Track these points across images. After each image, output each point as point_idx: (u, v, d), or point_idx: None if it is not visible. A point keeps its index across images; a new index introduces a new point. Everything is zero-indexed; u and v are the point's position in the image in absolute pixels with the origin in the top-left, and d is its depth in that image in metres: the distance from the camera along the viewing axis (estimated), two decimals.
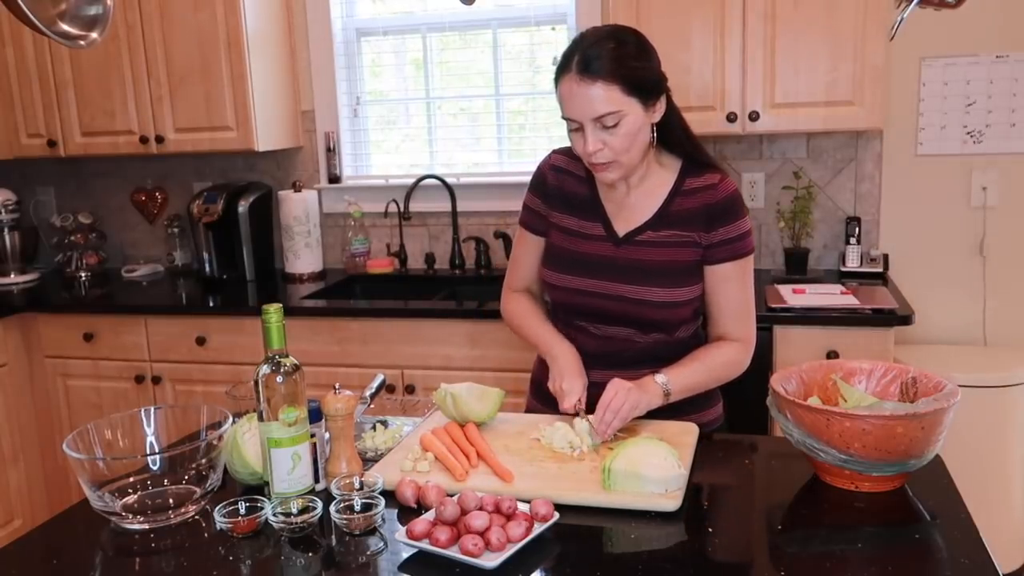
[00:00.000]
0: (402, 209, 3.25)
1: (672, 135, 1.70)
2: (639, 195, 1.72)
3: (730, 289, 1.71)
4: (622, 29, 1.65)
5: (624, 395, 1.55)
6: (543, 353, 1.78)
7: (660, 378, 1.64)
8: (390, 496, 1.37)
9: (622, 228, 1.73)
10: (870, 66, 2.68)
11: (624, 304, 1.70)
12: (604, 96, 1.55)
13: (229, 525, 1.30)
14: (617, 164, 1.62)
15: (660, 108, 1.64)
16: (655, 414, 1.62)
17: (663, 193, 1.71)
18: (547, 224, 1.81)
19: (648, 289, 1.68)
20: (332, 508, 1.30)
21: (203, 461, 1.39)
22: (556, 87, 1.62)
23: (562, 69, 1.60)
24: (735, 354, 1.73)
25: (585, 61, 1.56)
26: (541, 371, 1.85)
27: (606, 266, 1.71)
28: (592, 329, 1.75)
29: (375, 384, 1.82)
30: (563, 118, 1.62)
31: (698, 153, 1.73)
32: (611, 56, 1.55)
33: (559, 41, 3.31)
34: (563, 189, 1.78)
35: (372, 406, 1.81)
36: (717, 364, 1.72)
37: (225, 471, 1.46)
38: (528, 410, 1.90)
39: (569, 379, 1.67)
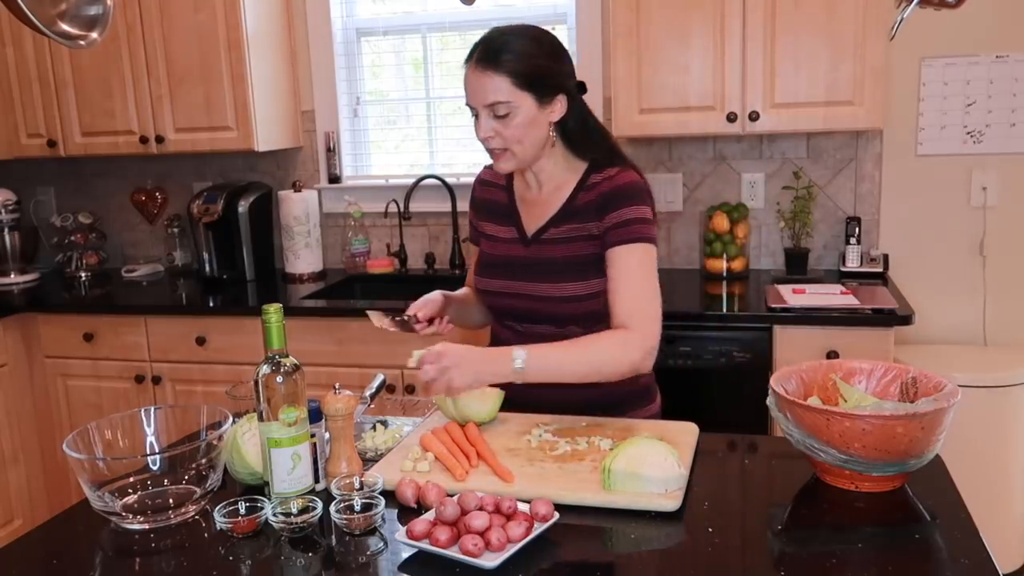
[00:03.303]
0: (402, 209, 3.25)
1: (583, 139, 1.73)
2: (548, 196, 1.77)
3: (620, 274, 1.66)
4: (532, 27, 1.71)
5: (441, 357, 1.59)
6: None
7: (519, 351, 1.58)
8: (390, 496, 1.37)
9: (531, 229, 1.78)
10: (870, 66, 2.68)
11: (537, 302, 1.74)
12: (495, 86, 1.62)
13: (229, 525, 1.30)
14: (510, 154, 1.68)
15: (559, 108, 1.68)
16: (635, 414, 1.63)
17: (568, 191, 1.75)
18: (479, 235, 1.89)
19: (556, 285, 1.72)
20: (332, 508, 1.30)
21: (203, 461, 1.39)
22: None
23: (467, 58, 1.68)
24: (618, 343, 1.62)
25: (484, 52, 1.64)
26: None
27: (518, 266, 1.77)
28: (518, 328, 1.80)
29: (375, 384, 1.83)
30: (466, 104, 1.69)
31: (614, 157, 1.74)
32: (509, 50, 1.63)
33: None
34: (487, 199, 1.87)
35: (372, 406, 1.81)
36: (591, 349, 1.62)
37: (225, 471, 1.46)
38: None
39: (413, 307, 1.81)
